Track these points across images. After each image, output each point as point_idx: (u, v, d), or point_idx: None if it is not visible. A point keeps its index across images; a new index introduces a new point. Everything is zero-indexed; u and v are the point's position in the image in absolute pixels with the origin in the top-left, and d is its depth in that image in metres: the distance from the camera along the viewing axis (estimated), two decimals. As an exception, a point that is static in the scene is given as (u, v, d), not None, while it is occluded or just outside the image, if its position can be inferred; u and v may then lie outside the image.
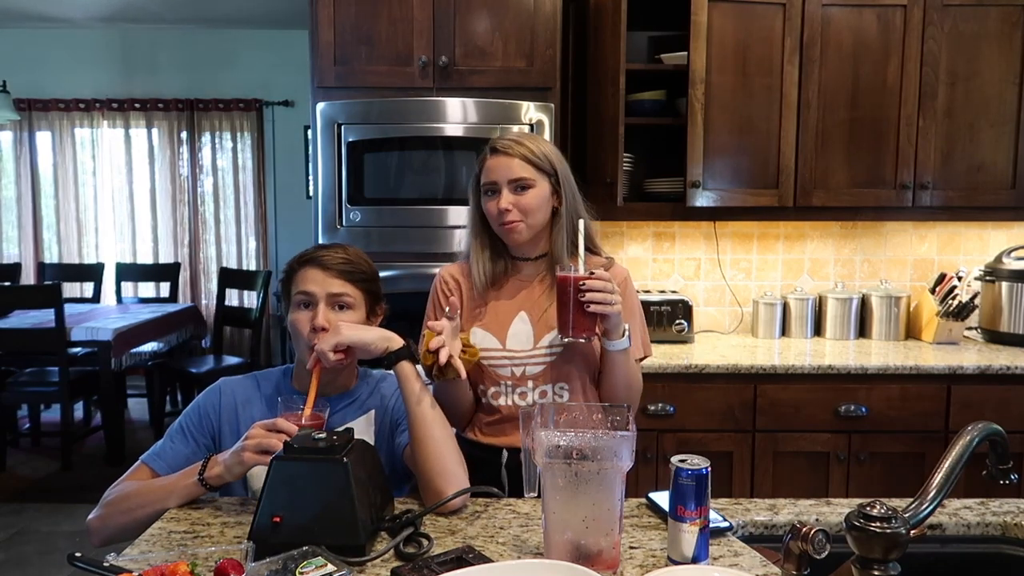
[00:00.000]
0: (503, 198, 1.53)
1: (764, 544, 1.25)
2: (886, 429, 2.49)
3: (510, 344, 1.59)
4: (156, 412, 4.79)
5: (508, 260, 1.64)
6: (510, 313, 1.61)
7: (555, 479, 1.09)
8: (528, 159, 1.54)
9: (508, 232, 1.56)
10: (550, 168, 1.57)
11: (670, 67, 2.77)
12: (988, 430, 1.10)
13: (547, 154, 1.57)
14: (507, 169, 1.54)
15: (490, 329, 1.61)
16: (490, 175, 1.56)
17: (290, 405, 1.36)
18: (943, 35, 2.66)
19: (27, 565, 3.08)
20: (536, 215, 1.56)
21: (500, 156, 1.55)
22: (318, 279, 1.45)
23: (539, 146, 1.58)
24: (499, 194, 1.54)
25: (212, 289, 5.61)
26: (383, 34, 2.62)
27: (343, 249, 1.51)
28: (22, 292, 4.36)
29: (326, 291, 1.45)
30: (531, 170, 1.54)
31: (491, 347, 1.60)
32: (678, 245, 3.09)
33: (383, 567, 1.13)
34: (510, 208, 1.53)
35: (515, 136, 1.60)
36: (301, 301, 1.46)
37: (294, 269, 1.49)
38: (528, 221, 1.55)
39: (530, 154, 1.55)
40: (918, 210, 2.78)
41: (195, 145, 5.61)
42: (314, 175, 2.68)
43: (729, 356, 2.60)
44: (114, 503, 1.36)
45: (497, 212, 1.54)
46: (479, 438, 1.63)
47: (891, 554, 0.94)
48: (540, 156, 1.56)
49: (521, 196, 1.54)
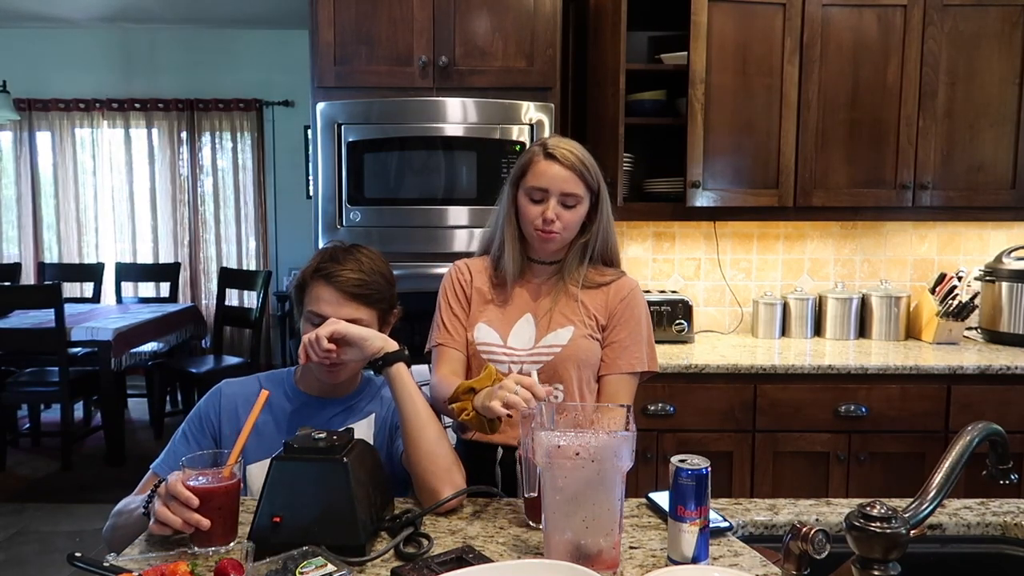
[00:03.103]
0: (550, 208, 1.51)
1: (764, 544, 1.25)
2: (886, 429, 2.49)
3: (511, 341, 1.60)
4: (156, 412, 4.79)
5: (525, 259, 1.64)
6: (517, 313, 1.62)
7: (555, 479, 1.09)
8: (583, 174, 1.53)
9: (544, 240, 1.55)
10: (596, 187, 1.56)
11: (670, 67, 2.77)
12: (988, 430, 1.10)
13: (596, 172, 1.56)
14: (562, 181, 1.51)
15: (494, 325, 1.61)
16: (541, 180, 1.53)
17: (195, 461, 1.20)
18: (943, 35, 2.66)
19: (27, 565, 3.08)
20: (574, 230, 1.57)
21: (556, 164, 1.52)
22: (332, 301, 1.43)
23: (590, 161, 1.56)
24: (546, 203, 1.52)
25: (212, 289, 5.61)
26: (383, 34, 2.62)
27: (357, 262, 1.46)
28: (22, 292, 4.36)
29: (339, 315, 1.42)
30: (582, 187, 1.53)
31: (492, 342, 1.60)
32: (678, 245, 3.09)
33: (383, 567, 1.13)
34: (555, 219, 1.52)
35: (569, 145, 1.55)
36: (313, 320, 1.44)
37: (307, 281, 1.47)
38: (565, 235, 1.56)
39: (585, 171, 1.53)
40: (918, 210, 2.78)
41: (195, 145, 5.61)
42: (314, 175, 2.68)
43: (729, 356, 2.60)
44: (117, 513, 1.36)
45: (541, 220, 1.52)
46: (474, 436, 1.62)
47: (891, 554, 0.94)
48: (592, 174, 1.54)
49: (566, 211, 1.53)
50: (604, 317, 1.61)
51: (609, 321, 1.61)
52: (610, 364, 1.61)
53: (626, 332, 1.60)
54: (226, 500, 1.16)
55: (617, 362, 1.60)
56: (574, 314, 1.60)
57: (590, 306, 1.61)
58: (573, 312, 1.60)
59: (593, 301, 1.61)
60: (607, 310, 1.61)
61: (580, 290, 1.60)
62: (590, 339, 1.59)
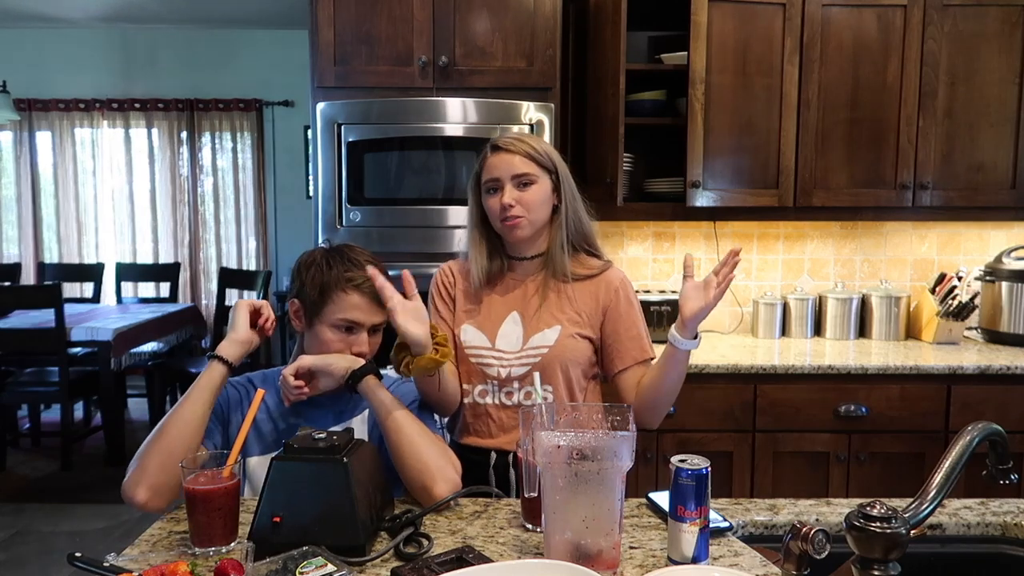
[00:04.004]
0: (506, 193, 1.54)
1: (764, 544, 1.25)
2: (886, 429, 2.49)
3: (499, 344, 1.60)
4: (156, 412, 4.79)
5: (504, 258, 1.64)
6: (503, 313, 1.62)
7: (555, 479, 1.09)
8: (531, 155, 1.56)
9: (510, 229, 1.56)
10: (551, 165, 1.58)
11: (670, 67, 2.76)
12: (988, 430, 1.10)
13: (548, 152, 1.59)
14: (509, 165, 1.55)
15: (482, 328, 1.62)
16: (492, 171, 1.56)
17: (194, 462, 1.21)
18: (943, 35, 2.66)
19: (27, 565, 3.08)
20: (538, 211, 1.56)
21: (502, 153, 1.56)
22: (364, 308, 1.48)
23: (540, 144, 1.59)
24: (501, 191, 1.55)
25: (212, 289, 5.61)
26: (383, 34, 2.62)
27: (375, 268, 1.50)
28: (22, 292, 4.36)
29: (371, 321, 1.49)
30: (533, 166, 1.55)
31: (481, 345, 1.61)
32: (678, 245, 3.09)
33: (383, 567, 1.13)
34: (513, 204, 1.53)
35: (516, 135, 1.61)
36: (343, 326, 1.48)
37: (332, 287, 1.48)
38: (530, 217, 1.55)
39: (532, 151, 1.56)
40: (918, 210, 2.78)
41: (195, 145, 5.61)
42: (314, 175, 2.68)
43: (729, 356, 2.60)
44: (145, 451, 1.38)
45: (500, 208, 1.54)
46: (467, 441, 1.64)
47: (891, 554, 0.94)
48: (542, 153, 1.57)
49: (523, 192, 1.55)
50: (596, 311, 1.61)
51: (605, 314, 1.61)
52: (623, 357, 1.60)
53: (628, 322, 1.60)
54: (226, 500, 1.16)
55: (631, 354, 1.59)
56: (562, 312, 1.59)
57: (578, 301, 1.60)
58: (561, 309, 1.59)
59: (582, 295, 1.61)
60: (598, 303, 1.61)
61: (567, 284, 1.60)
62: (577, 338, 1.58)
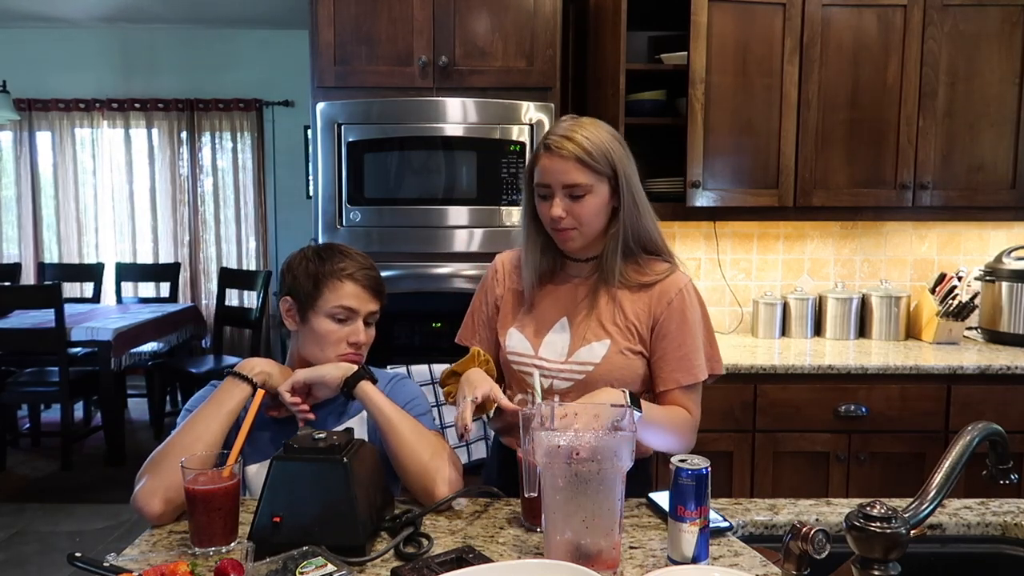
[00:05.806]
0: (555, 205, 1.39)
1: (764, 544, 1.25)
2: (886, 429, 2.49)
3: (543, 352, 1.49)
4: (156, 412, 4.79)
5: (559, 258, 1.52)
6: (551, 318, 1.51)
7: (555, 479, 1.09)
8: (584, 161, 1.37)
9: (563, 240, 1.45)
10: (609, 169, 1.40)
11: (670, 67, 2.76)
12: (988, 430, 1.10)
13: (606, 152, 1.39)
14: (560, 173, 1.38)
15: (526, 333, 1.52)
16: (543, 176, 1.41)
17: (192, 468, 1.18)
18: (943, 35, 2.66)
19: (27, 565, 3.08)
20: (592, 223, 1.42)
21: (555, 156, 1.38)
22: (359, 296, 1.47)
23: (597, 143, 1.39)
24: (552, 198, 1.40)
25: (212, 289, 5.61)
26: (383, 34, 2.62)
27: (368, 262, 1.52)
28: (22, 292, 4.36)
29: (367, 310, 1.48)
30: (587, 174, 1.38)
31: (524, 352, 1.51)
32: (678, 245, 3.08)
33: (383, 567, 1.13)
34: (563, 216, 1.40)
35: (569, 129, 1.40)
36: (338, 315, 1.47)
37: (327, 276, 1.47)
38: (583, 230, 1.42)
39: (586, 155, 1.37)
40: (918, 210, 2.78)
41: (195, 145, 5.61)
42: (314, 175, 2.68)
43: (729, 356, 2.59)
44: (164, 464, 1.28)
45: (550, 219, 1.42)
46: (508, 442, 1.56)
47: (891, 554, 0.94)
48: (598, 156, 1.38)
49: (575, 204, 1.39)
50: (647, 324, 1.46)
51: (655, 329, 1.46)
52: (667, 378, 1.46)
53: (678, 341, 1.45)
54: (226, 500, 1.16)
55: (674, 375, 1.45)
56: (612, 323, 1.46)
57: (630, 312, 1.46)
58: (611, 320, 1.46)
59: (634, 306, 1.46)
60: (650, 316, 1.46)
61: (621, 291, 1.47)
62: (628, 354, 1.45)
